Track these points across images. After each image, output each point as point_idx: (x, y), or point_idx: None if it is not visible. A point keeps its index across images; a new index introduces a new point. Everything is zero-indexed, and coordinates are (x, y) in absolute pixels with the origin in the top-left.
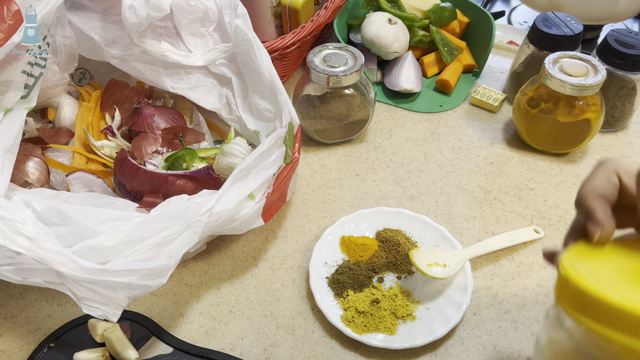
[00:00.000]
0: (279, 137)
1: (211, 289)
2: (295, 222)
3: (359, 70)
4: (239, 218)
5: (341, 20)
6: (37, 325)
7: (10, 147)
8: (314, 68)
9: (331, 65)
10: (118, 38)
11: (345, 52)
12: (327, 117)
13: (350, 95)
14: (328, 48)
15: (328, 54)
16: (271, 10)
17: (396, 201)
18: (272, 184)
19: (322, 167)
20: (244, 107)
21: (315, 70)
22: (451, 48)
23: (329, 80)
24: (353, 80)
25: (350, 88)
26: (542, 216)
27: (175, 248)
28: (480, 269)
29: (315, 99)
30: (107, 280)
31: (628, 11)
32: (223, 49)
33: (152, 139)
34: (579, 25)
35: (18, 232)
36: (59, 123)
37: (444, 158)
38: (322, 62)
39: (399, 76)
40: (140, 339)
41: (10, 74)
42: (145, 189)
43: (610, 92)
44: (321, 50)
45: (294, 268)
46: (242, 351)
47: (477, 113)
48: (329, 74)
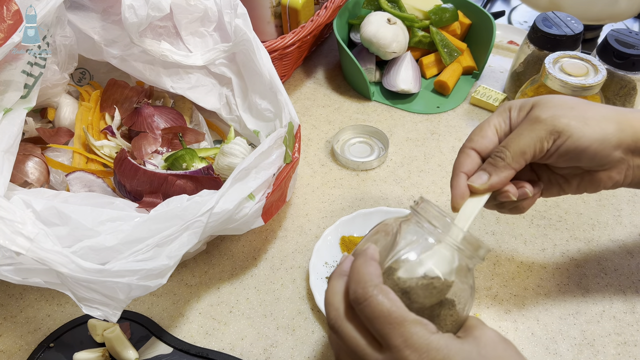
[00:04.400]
0: (279, 137)
1: (211, 289)
2: (295, 222)
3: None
4: (239, 218)
5: (341, 20)
6: (36, 325)
7: (10, 147)
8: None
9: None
10: (118, 38)
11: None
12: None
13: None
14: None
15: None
16: (271, 10)
17: (396, 201)
18: (272, 184)
19: (322, 167)
20: (243, 107)
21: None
22: (451, 49)
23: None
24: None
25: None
26: (542, 216)
27: (175, 248)
28: (481, 269)
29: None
30: (107, 280)
31: (628, 11)
32: (223, 49)
33: (152, 139)
34: (579, 25)
35: (18, 233)
36: (59, 123)
37: (444, 158)
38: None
39: (396, 77)
40: (140, 339)
41: (10, 73)
42: (145, 189)
43: (610, 92)
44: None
45: (294, 268)
46: (242, 351)
47: (478, 113)
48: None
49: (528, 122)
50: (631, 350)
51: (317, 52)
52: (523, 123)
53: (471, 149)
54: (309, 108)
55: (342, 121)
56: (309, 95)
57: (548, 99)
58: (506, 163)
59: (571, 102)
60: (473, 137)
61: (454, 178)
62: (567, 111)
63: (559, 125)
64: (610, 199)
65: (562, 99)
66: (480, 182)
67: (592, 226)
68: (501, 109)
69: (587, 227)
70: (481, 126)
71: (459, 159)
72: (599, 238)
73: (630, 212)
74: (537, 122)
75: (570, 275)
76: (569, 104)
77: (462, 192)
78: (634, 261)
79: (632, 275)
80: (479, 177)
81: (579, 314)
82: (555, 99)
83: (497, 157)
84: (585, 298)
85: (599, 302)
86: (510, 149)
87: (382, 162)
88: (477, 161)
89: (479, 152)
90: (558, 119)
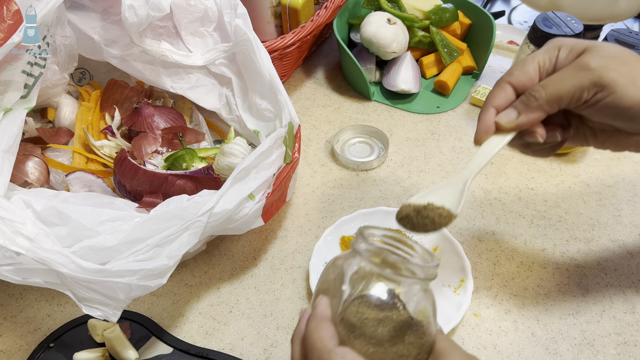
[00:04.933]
0: (279, 137)
1: (211, 289)
2: (295, 222)
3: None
4: (239, 218)
5: (341, 20)
6: (36, 325)
7: (10, 147)
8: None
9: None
10: (118, 38)
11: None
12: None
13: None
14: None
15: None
16: (271, 10)
17: (396, 201)
18: (272, 184)
19: (322, 167)
20: (243, 107)
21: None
22: (451, 49)
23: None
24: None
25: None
26: (542, 216)
27: (175, 248)
28: (481, 269)
29: None
30: (107, 280)
31: (628, 11)
32: (223, 49)
33: (152, 139)
34: (579, 25)
35: (18, 233)
36: (59, 123)
37: (444, 158)
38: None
39: (396, 77)
40: (140, 339)
41: (10, 73)
42: (145, 189)
43: None
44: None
45: (294, 268)
46: (242, 351)
47: (477, 113)
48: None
49: (574, 67)
50: (631, 350)
51: (317, 52)
52: (569, 66)
53: (508, 83)
54: (309, 108)
55: (342, 121)
56: (309, 95)
57: (603, 46)
58: (539, 104)
59: (627, 56)
60: (513, 71)
61: (483, 111)
62: (619, 65)
63: (606, 79)
64: (610, 199)
65: (617, 50)
66: (507, 120)
67: (592, 226)
68: (550, 45)
69: (587, 227)
70: (524, 60)
71: (493, 91)
72: (599, 238)
73: (630, 212)
74: (584, 69)
75: (570, 275)
76: (624, 58)
77: (488, 127)
78: (633, 261)
79: (632, 275)
80: (508, 115)
81: (579, 314)
82: (612, 48)
83: (531, 96)
84: (585, 298)
85: (599, 302)
86: (547, 90)
87: (382, 162)
88: (511, 97)
89: (515, 88)
90: (607, 72)
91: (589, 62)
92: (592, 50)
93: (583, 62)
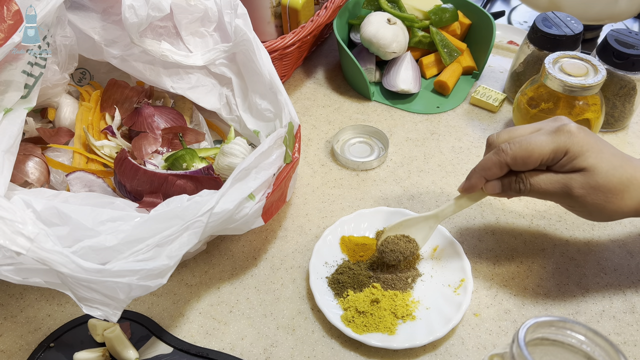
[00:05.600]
0: (279, 137)
1: (211, 289)
2: (295, 222)
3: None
4: (239, 218)
5: (341, 20)
6: (37, 325)
7: (10, 147)
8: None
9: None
10: (118, 38)
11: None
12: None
13: None
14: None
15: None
16: (271, 10)
17: (396, 201)
18: (272, 184)
19: (322, 167)
20: (244, 107)
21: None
22: (451, 49)
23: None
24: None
25: None
26: (542, 216)
27: (176, 248)
28: (481, 269)
29: None
30: (107, 280)
31: (628, 11)
32: (223, 49)
33: (152, 139)
34: (579, 25)
35: (18, 233)
36: (59, 123)
37: (444, 158)
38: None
39: (396, 77)
40: (140, 338)
41: (10, 74)
42: (145, 189)
43: (610, 92)
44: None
45: (294, 268)
46: (242, 351)
47: (477, 113)
48: None
49: (568, 184)
50: (631, 350)
51: (317, 52)
52: (566, 176)
53: (506, 164)
54: (309, 108)
55: (342, 121)
56: (309, 95)
57: (600, 170)
58: (522, 192)
59: (613, 183)
60: (517, 154)
61: (476, 175)
62: (610, 196)
63: (582, 201)
64: None
65: (607, 178)
66: (491, 190)
67: (592, 226)
68: (562, 145)
69: (587, 227)
70: (531, 148)
71: (492, 168)
72: (599, 238)
73: None
74: (575, 198)
75: (570, 275)
76: (613, 185)
77: (475, 188)
78: (633, 261)
79: (632, 275)
80: (493, 187)
81: (579, 314)
82: (602, 176)
83: (519, 183)
84: (585, 298)
85: (598, 302)
86: (536, 187)
87: (382, 162)
88: (504, 172)
89: (511, 167)
90: (588, 197)
91: (574, 187)
92: (589, 172)
93: (579, 193)
